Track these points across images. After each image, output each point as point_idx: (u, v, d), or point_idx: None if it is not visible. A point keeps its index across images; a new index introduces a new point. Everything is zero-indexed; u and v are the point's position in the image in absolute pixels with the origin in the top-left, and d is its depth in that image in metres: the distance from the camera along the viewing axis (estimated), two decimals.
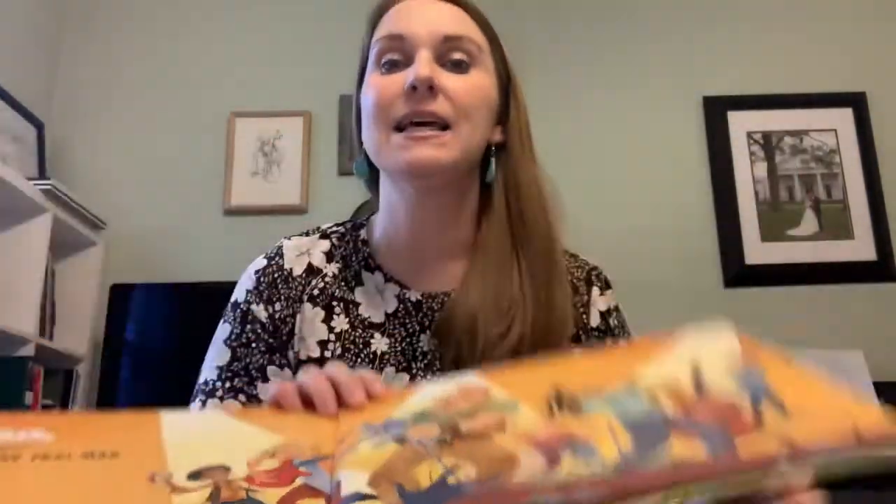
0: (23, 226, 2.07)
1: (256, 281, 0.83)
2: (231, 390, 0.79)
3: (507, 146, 0.82)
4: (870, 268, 2.36)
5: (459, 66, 0.77)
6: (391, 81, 0.76)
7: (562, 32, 2.63)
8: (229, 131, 2.54)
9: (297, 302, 0.81)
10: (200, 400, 0.80)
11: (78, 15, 2.69)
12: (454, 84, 0.75)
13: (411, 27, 0.77)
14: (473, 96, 0.76)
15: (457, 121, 0.74)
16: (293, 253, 0.84)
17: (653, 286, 2.38)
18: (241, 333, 0.81)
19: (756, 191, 2.45)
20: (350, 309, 0.81)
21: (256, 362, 0.79)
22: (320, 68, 2.61)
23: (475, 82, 0.77)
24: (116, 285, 2.22)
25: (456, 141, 0.74)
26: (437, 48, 0.76)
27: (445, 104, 0.74)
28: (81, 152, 2.55)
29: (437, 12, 0.79)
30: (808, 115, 2.51)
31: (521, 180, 0.81)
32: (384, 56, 0.78)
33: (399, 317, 0.80)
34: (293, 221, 2.46)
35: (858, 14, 2.61)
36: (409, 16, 0.79)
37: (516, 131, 0.83)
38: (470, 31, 0.80)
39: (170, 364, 2.15)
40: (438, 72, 0.75)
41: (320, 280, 0.82)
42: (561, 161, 2.66)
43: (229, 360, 0.80)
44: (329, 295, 0.81)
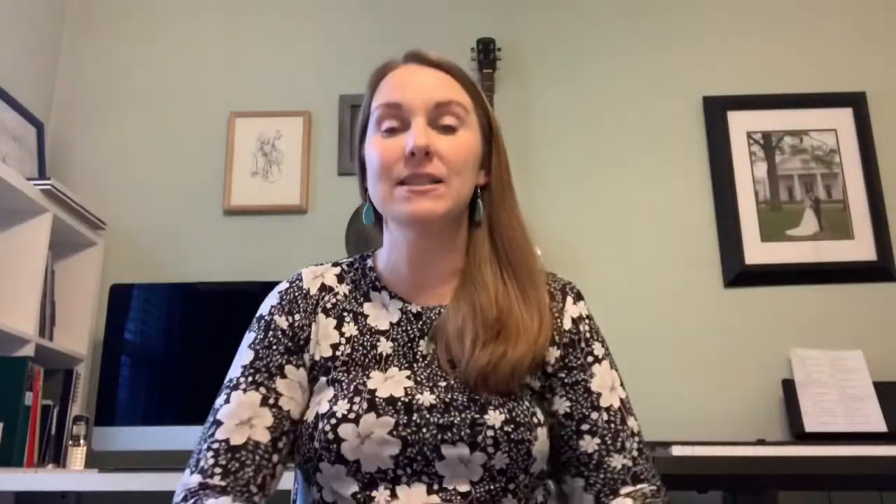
0: (23, 226, 2.07)
1: (280, 298, 0.96)
2: (252, 384, 0.89)
3: (490, 188, 0.96)
4: (870, 268, 2.36)
5: (449, 128, 0.91)
6: (392, 145, 0.90)
7: (562, 32, 2.63)
8: (229, 131, 2.54)
9: (313, 314, 0.94)
10: (225, 394, 0.89)
11: (78, 15, 2.69)
12: (446, 146, 0.89)
13: (407, 96, 0.91)
14: (461, 155, 0.90)
15: (448, 177, 0.89)
16: (310, 276, 0.98)
17: (653, 286, 2.38)
18: (264, 338, 0.93)
19: (756, 191, 2.45)
20: (359, 318, 0.94)
21: (276, 361, 0.91)
22: (320, 68, 2.61)
23: (463, 141, 0.91)
24: (116, 285, 2.22)
25: (448, 193, 0.89)
26: (429, 113, 0.90)
27: (439, 164, 0.88)
28: (81, 152, 2.55)
29: (428, 80, 0.93)
30: (808, 115, 2.51)
31: (501, 217, 0.95)
32: (384, 122, 0.92)
33: (402, 325, 0.93)
34: (293, 221, 2.47)
35: (858, 14, 2.61)
36: (404, 85, 0.93)
37: (498, 175, 0.97)
38: (457, 96, 0.93)
39: (170, 364, 2.15)
40: (432, 136, 0.89)
41: (332, 297, 0.96)
42: (561, 161, 2.69)
43: (252, 360, 0.91)
44: (341, 308, 0.95)
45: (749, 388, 2.27)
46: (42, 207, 2.07)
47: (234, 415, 0.86)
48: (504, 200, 0.96)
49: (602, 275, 2.37)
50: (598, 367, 0.94)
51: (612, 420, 0.91)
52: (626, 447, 0.90)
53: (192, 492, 0.82)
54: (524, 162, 2.47)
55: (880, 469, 1.69)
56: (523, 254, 0.95)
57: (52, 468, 2.04)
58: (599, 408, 0.92)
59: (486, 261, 0.93)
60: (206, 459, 0.84)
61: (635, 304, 2.36)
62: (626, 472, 0.89)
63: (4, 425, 1.86)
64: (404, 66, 0.96)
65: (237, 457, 0.84)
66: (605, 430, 0.91)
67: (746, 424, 2.21)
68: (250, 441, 0.85)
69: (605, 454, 0.90)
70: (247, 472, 0.83)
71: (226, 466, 0.83)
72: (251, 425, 0.85)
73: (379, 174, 0.90)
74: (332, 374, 0.90)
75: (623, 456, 0.90)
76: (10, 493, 2.02)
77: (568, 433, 0.91)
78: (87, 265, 2.32)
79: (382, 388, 0.86)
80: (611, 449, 0.90)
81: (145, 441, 2.05)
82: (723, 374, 2.29)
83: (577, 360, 0.94)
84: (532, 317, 0.90)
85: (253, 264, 2.39)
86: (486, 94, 2.42)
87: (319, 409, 0.86)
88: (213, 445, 0.84)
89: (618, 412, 0.92)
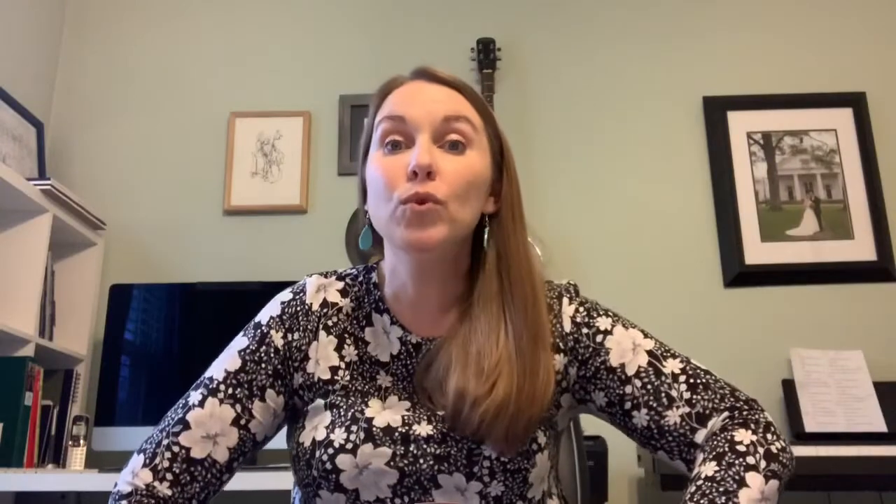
0: (23, 226, 2.07)
1: (281, 310, 0.92)
2: (231, 397, 0.87)
3: (500, 217, 0.91)
4: (870, 268, 2.35)
5: (456, 146, 0.85)
6: (395, 162, 0.85)
7: (562, 32, 2.63)
8: (229, 131, 2.54)
9: (313, 332, 0.91)
10: (202, 393, 0.88)
11: (78, 15, 2.69)
12: (450, 166, 0.84)
13: (412, 110, 0.86)
14: (465, 177, 0.84)
15: (448, 200, 0.83)
16: (313, 289, 0.94)
17: (653, 286, 2.38)
18: (256, 351, 0.90)
19: (756, 191, 2.45)
20: (359, 344, 0.91)
21: (260, 382, 0.89)
22: (320, 68, 2.61)
23: (469, 163, 0.86)
24: (116, 285, 2.22)
25: (448, 217, 0.83)
26: (435, 129, 0.85)
27: (442, 186, 0.82)
28: (81, 152, 2.55)
29: (436, 95, 0.88)
30: (808, 115, 2.51)
31: (510, 250, 0.89)
32: (388, 137, 0.86)
33: (401, 358, 0.90)
34: (293, 221, 2.47)
35: (858, 14, 2.61)
36: (410, 99, 0.87)
37: (508, 203, 0.91)
38: (466, 112, 0.87)
39: (169, 364, 2.15)
40: (436, 154, 0.84)
41: (335, 313, 0.92)
42: (561, 161, 2.69)
43: (238, 369, 0.89)
44: (342, 328, 0.92)
45: (749, 388, 2.24)
46: (42, 207, 2.07)
47: (202, 424, 0.86)
48: (515, 233, 0.90)
49: (602, 275, 2.37)
50: (611, 339, 0.90)
51: (647, 382, 0.87)
52: (674, 397, 0.86)
53: (139, 492, 0.83)
54: (524, 162, 2.47)
55: (880, 469, 1.70)
56: (531, 293, 0.88)
57: (51, 468, 2.04)
58: (628, 379, 0.87)
59: (493, 299, 0.87)
60: (162, 458, 0.84)
61: (635, 304, 2.35)
62: (687, 420, 0.85)
63: (4, 425, 1.86)
64: (411, 82, 0.91)
65: (191, 470, 0.84)
66: (645, 395, 0.86)
67: None
68: (209, 458, 0.85)
69: (659, 418, 0.85)
70: (195, 486, 0.85)
71: (178, 476, 0.84)
72: (215, 442, 0.86)
73: (380, 192, 0.85)
74: (331, 398, 0.88)
75: (675, 408, 0.85)
76: (10, 493, 2.02)
77: (620, 420, 0.88)
78: (87, 265, 2.32)
79: (380, 416, 0.85)
80: (660, 410, 0.86)
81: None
82: (723, 374, 2.27)
83: (588, 350, 0.90)
84: (526, 366, 0.83)
85: (253, 264, 2.40)
86: (486, 94, 2.43)
87: (316, 436, 0.85)
88: (173, 447, 0.85)
89: (648, 369, 0.87)
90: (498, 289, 0.87)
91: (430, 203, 0.82)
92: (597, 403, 0.90)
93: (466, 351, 0.84)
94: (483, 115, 0.90)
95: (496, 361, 0.83)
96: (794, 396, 2.08)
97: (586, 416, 1.41)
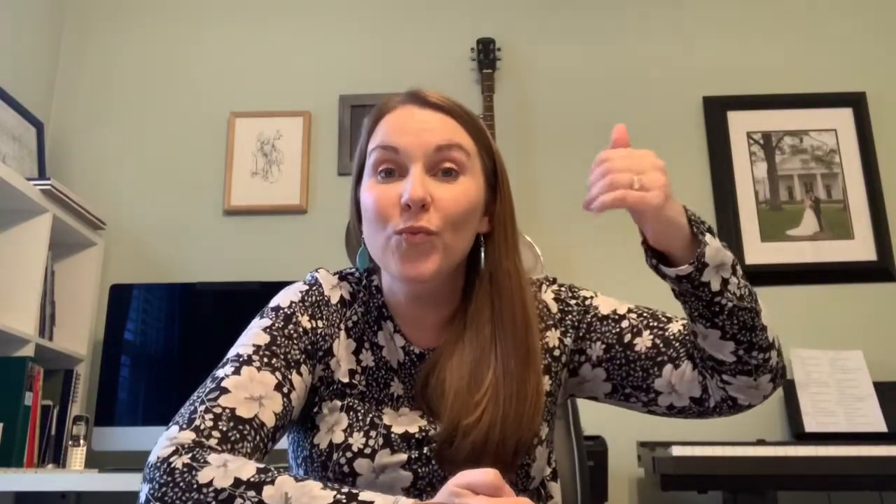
0: (23, 226, 2.07)
1: (302, 297, 0.90)
2: (268, 366, 0.80)
3: (493, 238, 0.90)
4: (870, 268, 2.36)
5: (449, 173, 0.85)
6: (388, 191, 0.84)
7: (562, 32, 2.63)
8: (229, 131, 2.54)
9: (336, 328, 0.90)
10: (233, 365, 0.80)
11: (78, 15, 2.69)
12: (444, 195, 0.83)
13: (404, 140, 0.85)
14: (461, 206, 0.84)
15: (443, 230, 0.82)
16: (329, 284, 0.93)
17: (653, 286, 2.38)
18: (284, 328, 0.85)
19: (756, 191, 2.45)
20: (375, 350, 0.90)
21: (294, 356, 0.84)
22: (320, 68, 2.61)
23: (463, 190, 0.85)
24: (116, 285, 2.22)
25: (442, 247, 0.83)
26: (428, 158, 0.84)
27: (435, 216, 0.82)
28: (81, 152, 2.55)
29: (428, 122, 0.86)
30: (808, 115, 2.51)
31: (501, 273, 0.89)
32: (381, 165, 0.85)
33: (407, 367, 0.90)
34: (293, 221, 2.47)
35: (858, 14, 2.61)
36: (402, 127, 0.86)
37: (501, 223, 0.90)
38: (459, 138, 0.86)
39: (169, 364, 2.15)
40: (430, 184, 0.83)
41: (353, 313, 0.91)
42: (560, 161, 2.68)
43: (269, 343, 0.83)
44: (360, 330, 0.91)
45: None
46: (42, 207, 2.07)
47: (243, 387, 0.77)
48: (507, 254, 0.90)
49: (602, 275, 2.37)
50: (596, 299, 0.96)
51: (641, 313, 0.94)
52: (671, 317, 0.94)
53: (185, 447, 0.70)
54: (524, 162, 2.47)
55: (880, 469, 1.69)
56: (521, 314, 0.88)
57: (51, 468, 2.04)
58: (622, 317, 0.93)
59: (485, 324, 0.87)
60: (202, 420, 0.72)
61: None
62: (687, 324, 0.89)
63: (4, 425, 1.86)
64: (402, 107, 0.88)
65: (240, 428, 0.73)
66: (643, 320, 0.93)
67: (746, 424, 2.20)
68: (256, 419, 0.75)
69: (663, 332, 0.92)
70: (246, 446, 0.73)
71: (226, 433, 0.72)
72: (261, 404, 0.76)
73: (374, 223, 0.84)
74: (347, 401, 0.87)
75: (676, 321, 0.93)
76: (10, 493, 2.02)
77: (622, 357, 0.91)
78: (87, 265, 2.32)
79: (397, 424, 0.86)
80: (662, 325, 0.92)
81: (145, 441, 2.04)
82: None
83: (578, 313, 0.94)
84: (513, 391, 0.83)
85: (253, 264, 2.40)
86: (486, 94, 2.43)
87: (333, 439, 0.84)
88: (214, 409, 0.74)
89: (639, 307, 0.95)
90: (489, 314, 0.87)
91: (423, 234, 0.81)
92: (596, 356, 0.92)
93: (459, 375, 0.84)
94: (476, 137, 0.89)
95: (485, 389, 0.83)
96: (794, 396, 2.08)
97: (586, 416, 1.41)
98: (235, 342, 0.85)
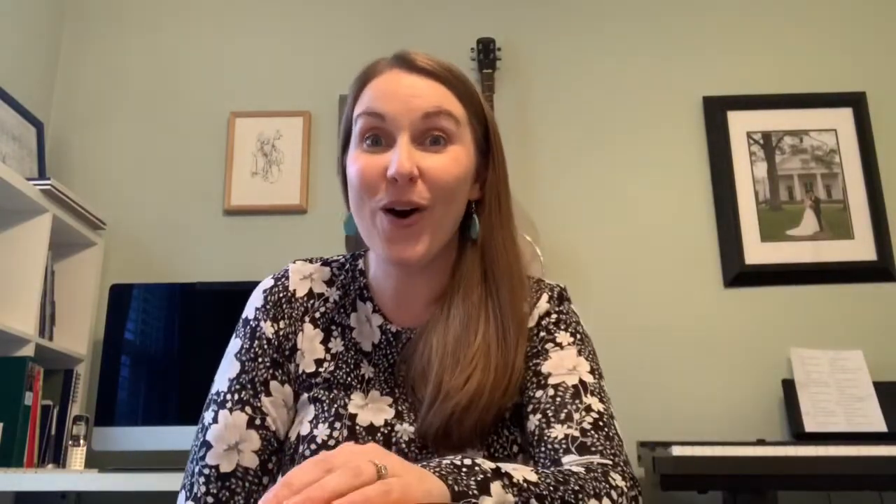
0: (23, 226, 2.07)
1: (264, 299, 0.91)
2: (238, 402, 0.85)
3: (484, 206, 0.88)
4: (870, 268, 2.36)
5: (438, 142, 0.82)
6: (374, 162, 0.81)
7: (562, 32, 2.63)
8: (229, 131, 2.54)
9: (299, 321, 0.90)
10: (213, 410, 0.86)
11: (78, 15, 2.69)
12: (432, 164, 0.81)
13: (391, 106, 0.82)
14: (450, 176, 0.81)
15: (433, 203, 0.80)
16: (297, 276, 0.93)
17: (653, 286, 2.38)
18: (250, 348, 0.88)
19: (756, 191, 2.45)
20: (346, 333, 0.90)
21: (261, 376, 0.87)
22: (320, 68, 2.61)
23: (452, 158, 0.82)
24: (116, 285, 2.22)
25: (430, 225, 0.81)
26: (416, 126, 0.81)
27: (423, 189, 0.80)
28: (81, 152, 2.55)
29: (415, 87, 0.83)
30: (808, 115, 2.51)
31: (495, 241, 0.87)
32: (367, 133, 0.83)
33: (382, 348, 0.89)
34: (293, 221, 2.47)
35: (858, 14, 2.61)
36: (389, 93, 0.83)
37: (493, 192, 0.88)
38: (448, 105, 0.83)
39: (169, 364, 2.15)
40: (417, 155, 0.80)
41: (322, 304, 0.91)
42: (560, 161, 2.68)
43: (238, 373, 0.87)
44: (329, 319, 0.91)
45: (749, 388, 2.27)
46: (42, 207, 2.07)
47: (221, 438, 0.83)
48: (500, 219, 0.87)
49: (602, 275, 2.37)
50: (558, 352, 0.85)
51: (560, 395, 0.81)
52: (574, 419, 0.79)
53: None
54: (524, 162, 2.47)
55: (880, 469, 1.69)
56: (512, 280, 0.86)
57: (52, 468, 2.04)
58: (546, 386, 0.82)
59: (474, 289, 0.85)
60: (198, 486, 0.82)
61: (635, 304, 2.36)
62: (569, 441, 0.77)
63: (4, 425, 1.86)
64: (389, 71, 0.85)
65: (227, 485, 0.82)
66: (549, 404, 0.81)
67: (746, 424, 2.21)
68: (239, 468, 0.83)
69: (546, 427, 0.79)
70: (238, 499, 0.82)
71: (217, 496, 0.82)
72: (239, 450, 0.83)
73: (360, 195, 0.82)
74: (314, 392, 0.87)
75: (567, 426, 0.78)
76: (10, 493, 2.02)
77: (522, 423, 0.84)
78: (87, 265, 2.32)
79: (363, 413, 0.85)
80: (552, 421, 0.79)
81: (145, 441, 2.05)
82: (723, 374, 2.29)
83: (534, 349, 0.86)
84: (508, 360, 0.82)
85: (253, 264, 2.39)
86: (486, 94, 2.43)
87: (301, 430, 0.85)
88: (203, 471, 0.83)
89: (570, 389, 0.81)
90: (480, 279, 0.86)
91: (413, 216, 0.80)
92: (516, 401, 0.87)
93: (445, 342, 0.83)
94: (466, 102, 0.86)
95: (473, 353, 0.81)
96: (794, 396, 2.08)
97: None
98: (221, 361, 0.90)
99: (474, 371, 0.80)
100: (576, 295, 0.96)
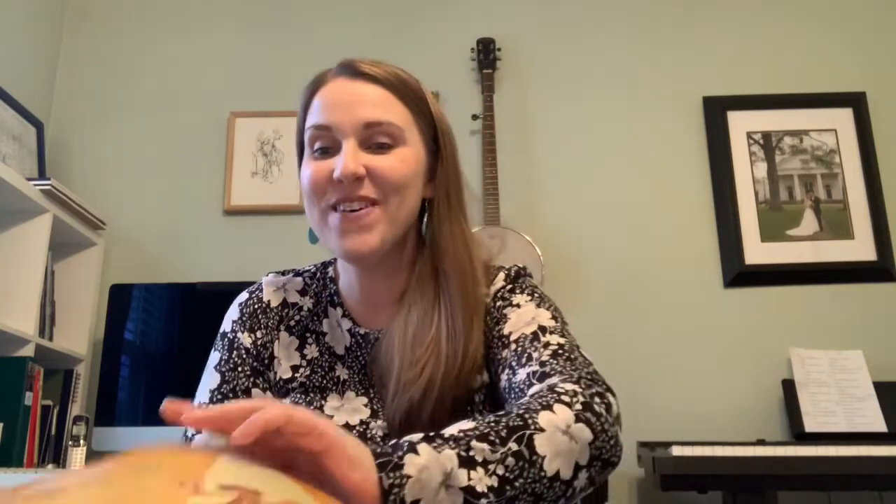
0: (23, 226, 2.07)
1: (240, 312, 0.94)
2: None
3: (435, 201, 0.89)
4: (870, 268, 2.36)
5: (383, 147, 0.84)
6: (322, 167, 0.83)
7: (562, 32, 2.63)
8: (229, 131, 2.54)
9: (274, 330, 0.93)
10: None
11: (78, 15, 2.69)
12: (379, 164, 0.82)
13: (336, 116, 0.84)
14: (398, 173, 0.83)
15: (384, 198, 0.82)
16: (271, 288, 0.96)
17: (653, 286, 2.38)
18: (229, 359, 0.90)
19: (756, 191, 2.45)
20: (320, 339, 0.93)
21: (242, 385, 0.89)
22: (320, 68, 2.60)
23: (399, 159, 0.84)
24: (116, 285, 2.22)
25: (384, 216, 0.83)
26: (359, 134, 0.83)
27: (370, 186, 0.82)
28: (81, 152, 2.55)
29: (360, 94, 0.85)
30: (808, 115, 2.51)
31: (443, 234, 0.88)
32: (315, 143, 0.85)
33: (353, 350, 0.91)
34: (293, 221, 2.46)
35: (858, 14, 2.61)
36: (334, 103, 0.85)
37: (443, 187, 0.89)
38: (390, 114, 0.85)
39: (169, 364, 2.15)
40: (363, 156, 0.82)
41: (296, 312, 0.94)
42: (560, 161, 2.68)
43: (219, 384, 0.89)
44: (303, 327, 0.94)
45: (749, 388, 2.27)
46: (42, 207, 2.07)
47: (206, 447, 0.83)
48: (448, 213, 0.88)
49: (602, 275, 2.37)
50: (515, 311, 0.85)
51: (519, 345, 0.81)
52: (533, 358, 0.78)
53: None
54: (524, 162, 2.47)
55: (880, 469, 1.69)
56: (469, 273, 0.87)
57: (52, 468, 2.04)
58: (508, 344, 0.82)
59: (428, 283, 0.87)
60: None
61: (635, 304, 2.36)
62: (531, 377, 0.76)
63: (4, 425, 1.86)
64: (334, 80, 0.87)
65: None
66: (512, 357, 0.81)
67: (746, 424, 2.21)
68: None
69: (512, 376, 0.79)
70: None
71: None
72: None
73: (310, 198, 0.85)
74: (291, 396, 0.89)
75: (528, 366, 0.77)
76: None
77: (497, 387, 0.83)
78: (87, 265, 2.32)
79: (339, 415, 0.87)
80: (516, 368, 0.79)
81: (145, 441, 2.05)
82: (723, 373, 2.29)
83: (494, 319, 0.87)
84: (457, 349, 0.82)
85: (253, 264, 2.39)
86: (486, 94, 2.43)
87: None
88: None
89: (528, 336, 0.81)
90: (432, 273, 0.87)
91: (364, 209, 0.81)
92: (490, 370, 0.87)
93: (404, 340, 0.84)
94: (411, 105, 0.87)
95: (427, 345, 0.83)
96: (794, 396, 2.08)
97: None
98: (204, 370, 0.91)
99: (426, 364, 0.82)
100: (576, 295, 0.96)
